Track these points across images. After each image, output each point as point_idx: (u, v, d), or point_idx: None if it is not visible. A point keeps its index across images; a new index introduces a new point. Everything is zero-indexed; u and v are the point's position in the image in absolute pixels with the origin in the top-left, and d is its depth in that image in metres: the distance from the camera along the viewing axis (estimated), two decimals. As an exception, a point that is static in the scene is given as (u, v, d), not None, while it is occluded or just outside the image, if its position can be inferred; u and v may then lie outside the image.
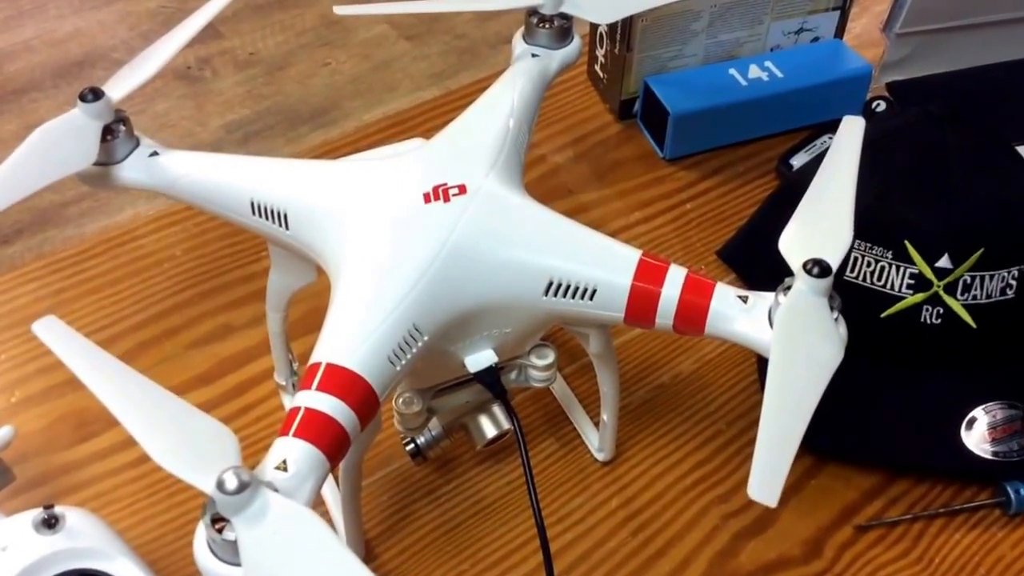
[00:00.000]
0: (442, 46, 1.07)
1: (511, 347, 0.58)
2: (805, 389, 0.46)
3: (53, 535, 0.52)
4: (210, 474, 0.41)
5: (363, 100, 1.00)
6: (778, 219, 0.80)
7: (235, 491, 0.40)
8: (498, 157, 0.58)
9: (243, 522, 0.41)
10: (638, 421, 0.73)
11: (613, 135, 0.97)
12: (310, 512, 0.41)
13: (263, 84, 1.01)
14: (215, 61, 1.04)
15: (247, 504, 0.41)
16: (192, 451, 0.42)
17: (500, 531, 0.67)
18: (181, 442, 0.43)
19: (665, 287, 0.53)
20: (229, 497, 0.40)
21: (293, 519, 0.41)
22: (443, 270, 0.52)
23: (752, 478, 0.44)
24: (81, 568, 0.52)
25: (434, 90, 1.02)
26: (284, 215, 0.57)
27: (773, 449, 0.44)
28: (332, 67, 1.04)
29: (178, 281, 0.81)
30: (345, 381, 0.48)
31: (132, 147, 0.60)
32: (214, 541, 0.42)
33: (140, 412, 0.44)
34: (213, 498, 0.41)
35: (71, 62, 1.03)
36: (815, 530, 0.67)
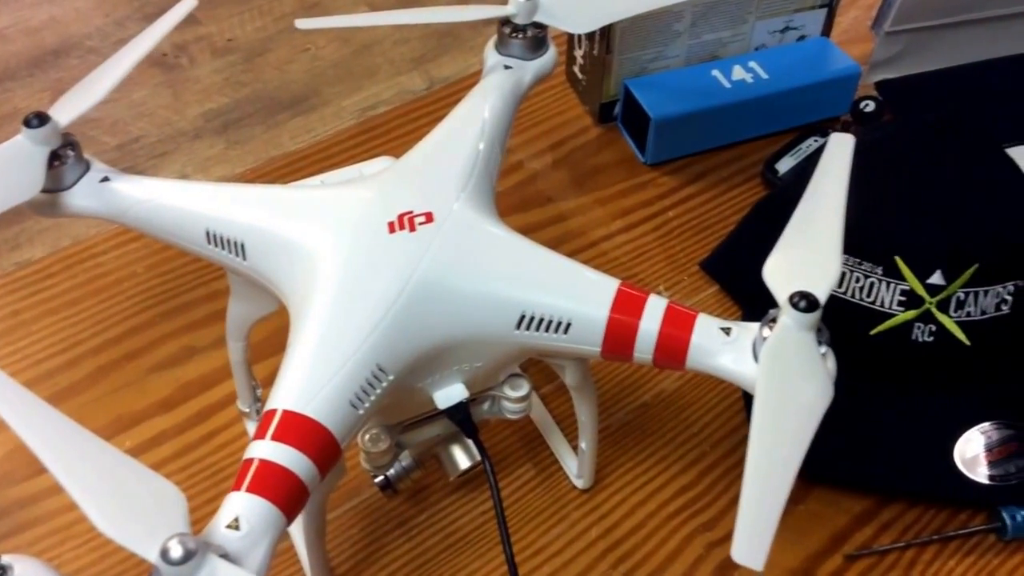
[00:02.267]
0: (422, 30, 1.05)
1: (483, 380, 0.56)
2: (791, 438, 0.43)
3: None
4: (155, 541, 0.39)
5: (343, 86, 0.99)
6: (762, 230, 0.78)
7: (180, 560, 0.38)
8: (468, 182, 0.56)
9: (190, 593, 0.38)
10: (619, 444, 0.71)
11: (593, 139, 0.95)
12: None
13: (241, 71, 0.99)
14: (192, 48, 1.02)
15: (193, 574, 0.38)
16: (136, 515, 0.40)
17: (475, 564, 0.65)
18: (124, 505, 0.40)
19: (644, 320, 0.51)
20: (174, 568, 0.38)
21: (242, 591, 0.38)
22: (409, 306, 0.50)
23: (736, 539, 0.41)
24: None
25: (415, 75, 1.00)
26: (241, 245, 0.54)
27: (759, 506, 0.42)
28: (312, 52, 1.02)
29: (139, 300, 0.78)
30: (303, 429, 0.46)
31: (82, 172, 0.57)
32: (161, 611, 0.40)
33: (80, 471, 0.41)
34: (158, 567, 0.38)
35: (46, 51, 1.01)
36: (803, 559, 0.65)
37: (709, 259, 0.83)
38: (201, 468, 0.68)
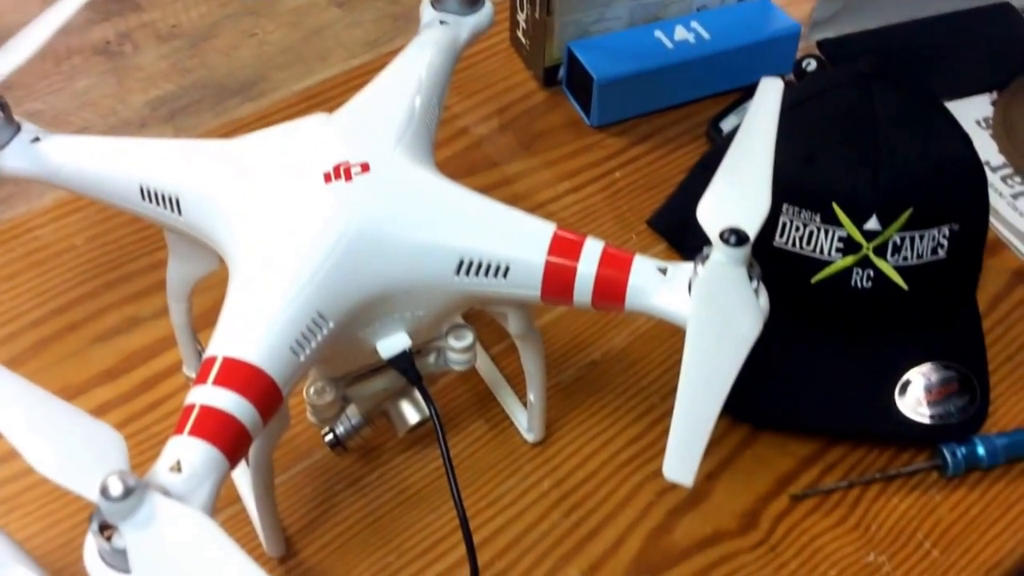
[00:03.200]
0: (375, 12, 1.05)
1: (426, 330, 0.57)
2: (722, 363, 0.45)
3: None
4: (95, 480, 0.39)
5: (293, 71, 0.98)
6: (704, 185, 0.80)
7: (120, 497, 0.39)
8: (404, 132, 0.57)
9: (130, 529, 0.39)
10: (569, 400, 0.72)
11: (539, 103, 0.96)
12: (201, 515, 0.40)
13: (187, 57, 0.99)
14: (135, 35, 1.01)
15: (134, 510, 0.39)
16: (75, 457, 0.41)
17: (428, 519, 0.66)
18: (62, 447, 0.41)
19: (581, 262, 0.52)
20: (114, 504, 0.39)
21: (183, 523, 0.40)
22: (347, 253, 0.51)
23: (667, 457, 0.43)
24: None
25: (368, 58, 1.00)
26: (176, 200, 0.55)
27: (689, 427, 0.43)
28: (259, 37, 1.01)
29: (79, 272, 0.78)
30: (243, 375, 0.46)
31: (12, 134, 0.58)
32: (104, 550, 0.40)
33: (16, 416, 0.42)
34: (99, 505, 0.39)
35: None
36: (751, 501, 0.67)
37: (656, 216, 0.84)
38: (147, 436, 0.69)
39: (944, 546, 0.65)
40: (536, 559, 0.64)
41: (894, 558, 0.65)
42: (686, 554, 0.65)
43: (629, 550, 0.65)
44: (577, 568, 0.64)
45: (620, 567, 0.64)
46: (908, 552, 0.65)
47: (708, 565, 0.64)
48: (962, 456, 0.67)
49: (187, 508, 0.40)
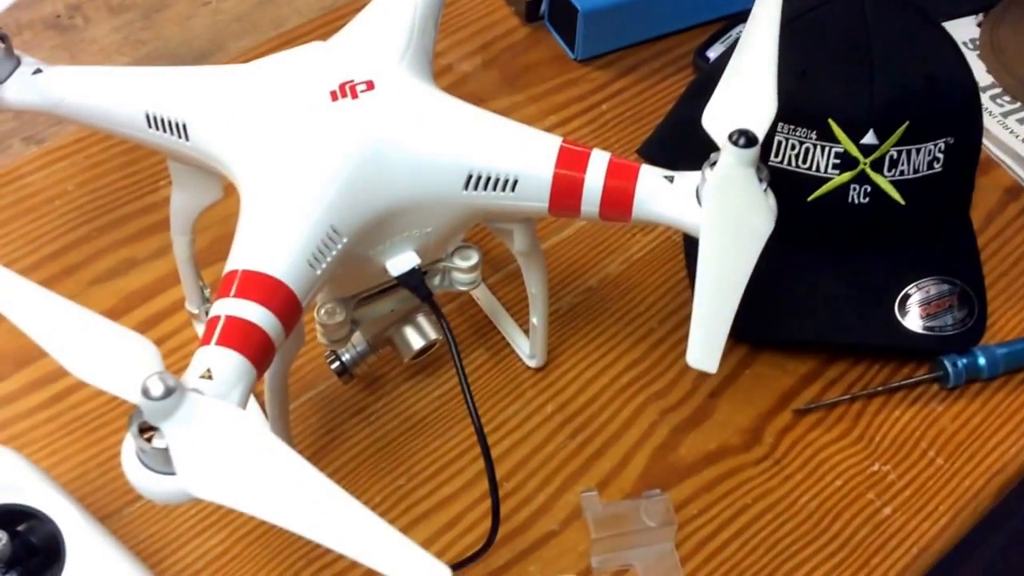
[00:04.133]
0: None
1: (433, 248, 0.59)
2: (739, 258, 0.48)
3: (-31, 472, 0.53)
4: (134, 382, 0.42)
5: (249, 39, 0.98)
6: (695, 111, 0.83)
7: (161, 396, 0.41)
8: (406, 50, 0.59)
9: (173, 427, 0.41)
10: (568, 326, 0.75)
11: (521, 39, 0.98)
12: (240, 410, 0.42)
13: (140, 29, 0.98)
14: (86, 8, 1.00)
15: (175, 409, 0.42)
16: (112, 362, 0.43)
17: (434, 444, 0.69)
18: (100, 355, 0.43)
19: (589, 173, 0.55)
20: (156, 403, 0.41)
21: (224, 419, 0.42)
22: (358, 169, 0.53)
23: (690, 346, 0.46)
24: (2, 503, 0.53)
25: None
26: (183, 126, 0.57)
27: (710, 317, 0.46)
28: (213, 6, 1.01)
29: (72, 218, 0.80)
30: (265, 286, 0.49)
31: (13, 66, 0.59)
32: (144, 452, 0.43)
33: (53, 327, 0.44)
34: (139, 406, 0.42)
35: None
36: (753, 418, 0.70)
37: (645, 146, 0.87)
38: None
39: (948, 454, 0.69)
40: (543, 479, 0.67)
41: (899, 467, 0.68)
42: (692, 469, 0.68)
43: (636, 467, 0.68)
44: (584, 486, 0.67)
45: (628, 483, 0.67)
46: (912, 461, 0.68)
47: (714, 479, 0.67)
48: (963, 367, 0.71)
49: (227, 404, 0.42)
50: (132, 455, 0.44)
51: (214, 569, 0.63)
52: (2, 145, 0.86)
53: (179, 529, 0.64)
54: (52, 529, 0.53)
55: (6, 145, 0.87)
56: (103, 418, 0.69)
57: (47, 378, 0.71)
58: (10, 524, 0.52)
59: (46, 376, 0.71)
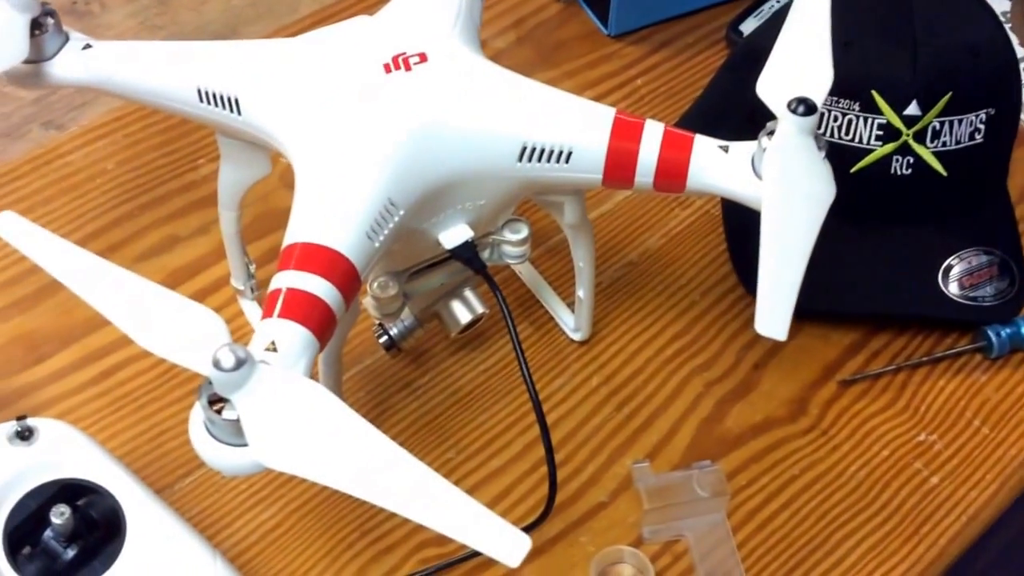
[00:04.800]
0: None
1: (485, 221, 0.59)
2: (804, 225, 0.47)
3: (28, 447, 0.52)
4: (203, 355, 0.41)
5: (263, 24, 0.97)
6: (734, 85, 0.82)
7: (232, 368, 0.41)
8: (455, 23, 0.58)
9: (243, 398, 0.41)
10: (610, 300, 0.74)
11: (554, 15, 0.97)
12: (311, 381, 0.42)
13: (156, 14, 0.97)
14: None
15: (245, 380, 0.41)
16: (181, 335, 0.43)
17: (481, 418, 0.68)
18: (168, 327, 0.43)
19: (643, 143, 0.54)
20: (227, 374, 0.41)
21: (294, 390, 0.42)
22: (414, 141, 0.53)
23: (759, 314, 0.45)
24: (61, 479, 0.52)
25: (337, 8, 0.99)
26: (236, 100, 0.56)
27: (777, 284, 0.46)
28: None
29: (114, 196, 0.79)
30: (325, 258, 0.48)
31: (62, 42, 0.59)
32: (212, 423, 0.42)
33: (121, 301, 0.44)
34: (209, 378, 0.41)
35: None
36: (798, 389, 0.70)
37: (683, 119, 0.86)
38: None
39: (993, 423, 0.68)
40: (591, 451, 0.67)
41: (944, 436, 0.68)
42: (739, 440, 0.67)
43: (683, 439, 0.67)
44: (633, 458, 0.66)
45: (675, 454, 0.66)
46: (958, 430, 0.68)
47: (762, 450, 0.67)
48: (1006, 336, 0.70)
49: (297, 375, 0.42)
50: (200, 427, 0.43)
51: (268, 542, 0.62)
52: (21, 131, 0.86)
53: (232, 503, 0.64)
54: (112, 503, 0.53)
55: (25, 130, 0.86)
56: (151, 393, 0.69)
57: (94, 355, 0.70)
58: (71, 499, 0.52)
59: (92, 353, 0.71)
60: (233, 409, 0.42)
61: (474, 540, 0.37)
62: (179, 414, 0.68)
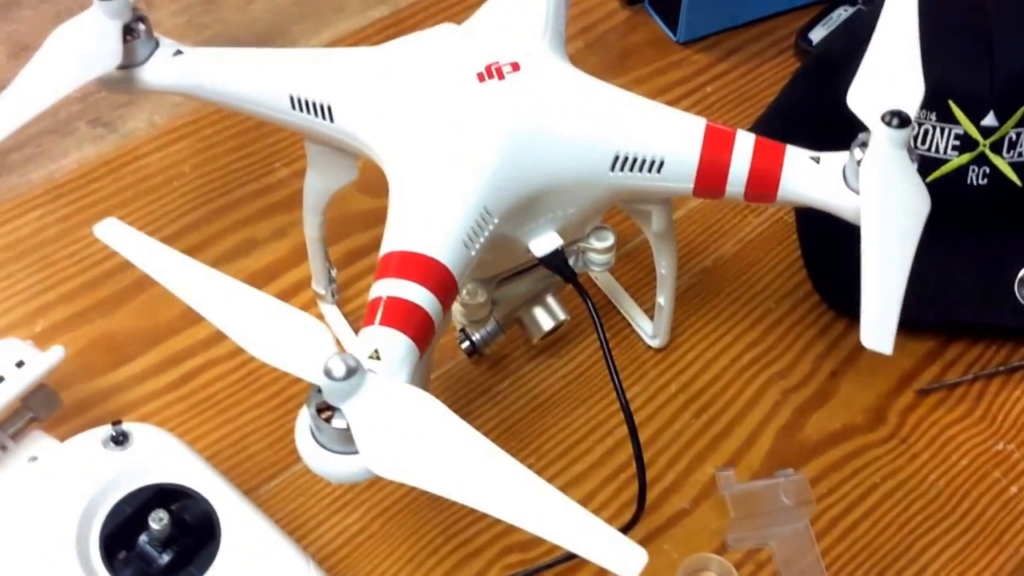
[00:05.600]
0: None
1: (573, 229, 0.59)
2: (904, 237, 0.47)
3: (123, 451, 0.53)
4: (313, 364, 0.41)
5: (309, 23, 0.97)
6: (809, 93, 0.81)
7: (344, 377, 0.41)
8: (545, 31, 0.58)
9: (354, 407, 0.41)
10: (685, 307, 0.74)
11: (621, 22, 0.97)
12: (419, 390, 0.42)
13: (202, 13, 0.96)
14: None
15: (355, 389, 0.41)
16: (289, 343, 0.43)
17: (561, 424, 0.68)
18: (277, 336, 0.43)
19: (735, 154, 0.54)
20: (338, 383, 0.41)
21: (404, 398, 0.41)
22: (509, 150, 0.53)
23: (864, 328, 0.45)
24: (157, 483, 0.53)
25: (383, 8, 0.98)
26: (328, 108, 0.56)
27: (882, 298, 0.45)
28: None
29: (191, 199, 0.80)
30: (424, 266, 0.48)
31: (153, 47, 0.59)
32: (320, 431, 0.42)
33: (228, 309, 0.44)
34: (319, 387, 0.41)
35: None
36: (876, 398, 0.69)
37: (756, 125, 0.85)
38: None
39: (1072, 433, 0.67)
40: (672, 458, 0.66)
41: (1023, 446, 0.67)
42: (819, 448, 0.67)
43: (762, 446, 0.67)
44: (713, 465, 0.66)
45: (755, 462, 0.66)
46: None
47: (842, 458, 0.66)
48: (1084, 347, 0.69)
49: (408, 385, 0.42)
50: (307, 435, 0.43)
51: (353, 546, 0.62)
52: (68, 128, 0.86)
53: (315, 508, 0.64)
54: (206, 507, 0.53)
55: (72, 128, 0.86)
56: (233, 396, 0.69)
57: (175, 358, 0.71)
58: (166, 503, 0.52)
59: (174, 356, 0.71)
60: (342, 417, 0.42)
61: (590, 552, 0.37)
62: (261, 417, 0.68)
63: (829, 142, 0.55)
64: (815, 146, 0.56)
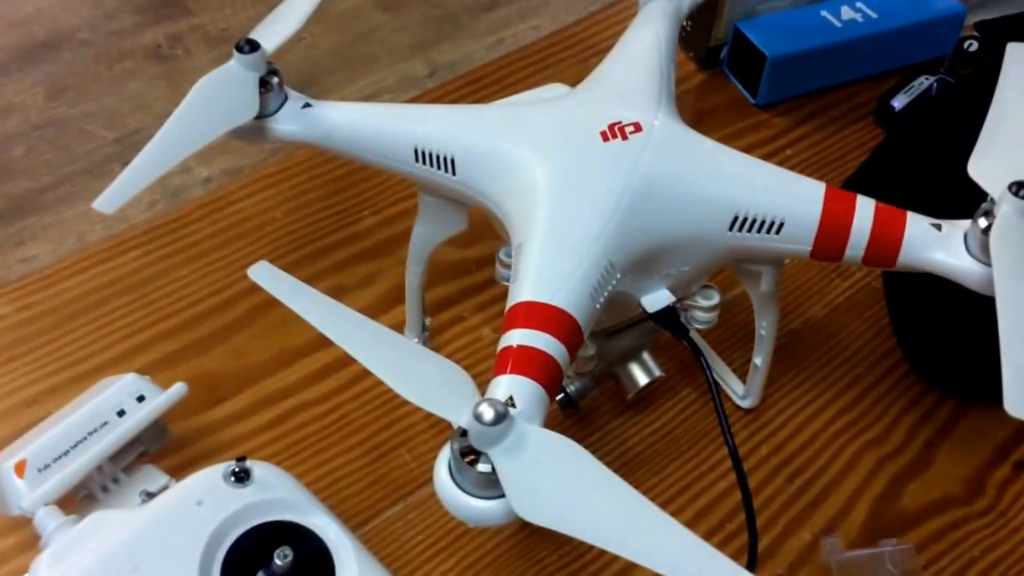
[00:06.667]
0: (421, 16, 1.05)
1: (683, 286, 0.60)
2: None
3: (245, 488, 0.54)
4: (460, 407, 0.43)
5: (343, 74, 0.99)
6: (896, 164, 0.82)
7: (492, 422, 0.42)
8: (660, 95, 0.60)
9: (503, 453, 0.42)
10: (773, 368, 0.74)
11: (698, 84, 0.99)
12: (564, 437, 0.43)
13: None
14: (186, 39, 1.02)
15: (504, 435, 0.42)
16: (437, 388, 0.44)
17: (651, 482, 0.69)
18: (424, 380, 0.44)
19: (856, 217, 0.55)
20: (487, 428, 0.42)
21: (554, 447, 0.43)
22: (633, 206, 0.54)
23: (1008, 396, 0.46)
24: (276, 520, 0.54)
25: (415, 62, 1.01)
26: (451, 160, 0.58)
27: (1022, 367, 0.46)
28: (308, 41, 1.02)
29: (282, 244, 0.82)
30: (554, 317, 0.50)
31: (283, 100, 0.61)
32: (461, 474, 0.43)
33: (379, 354, 0.45)
34: (468, 431, 0.42)
35: (36, 44, 1.00)
36: (973, 469, 0.69)
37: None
38: (373, 397, 0.72)
39: None
40: (766, 522, 0.67)
41: (1124, 522, 0.67)
42: (917, 519, 0.67)
43: (859, 515, 0.67)
44: (809, 531, 0.66)
45: (852, 530, 0.66)
46: None
47: (939, 530, 0.67)
48: None
49: (556, 434, 0.43)
50: (448, 477, 0.44)
51: (447, 594, 0.63)
52: (103, 169, 0.89)
53: (410, 553, 0.65)
54: (320, 545, 0.54)
55: (107, 169, 0.89)
56: (326, 440, 0.70)
57: (269, 399, 0.72)
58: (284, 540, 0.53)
59: (268, 396, 0.72)
60: (487, 462, 0.43)
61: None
62: (353, 461, 0.69)
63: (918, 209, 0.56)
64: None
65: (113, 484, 0.59)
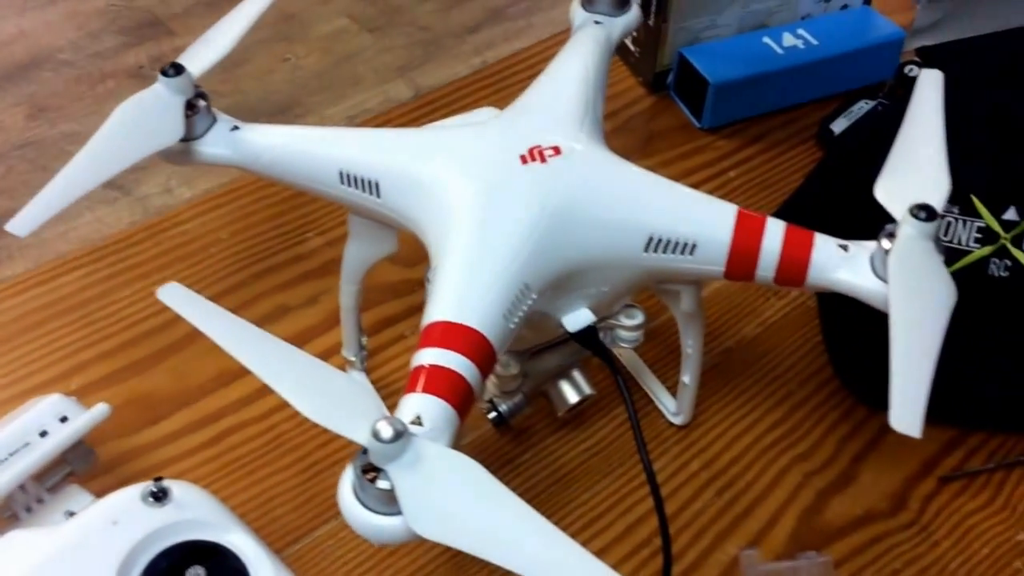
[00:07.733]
0: (405, 38, 1.06)
1: (605, 306, 0.61)
2: (931, 326, 0.49)
3: (162, 508, 0.54)
4: (361, 425, 0.43)
5: (327, 95, 0.99)
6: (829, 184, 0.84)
7: (391, 439, 0.42)
8: (584, 119, 0.61)
9: (399, 470, 0.43)
10: (707, 386, 0.75)
11: (647, 108, 1.00)
12: (463, 455, 0.44)
13: (220, 82, 0.99)
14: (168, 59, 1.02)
15: (401, 452, 0.43)
16: (339, 405, 0.45)
17: (583, 497, 0.69)
18: (327, 397, 0.45)
19: (765, 239, 0.56)
20: (385, 446, 0.42)
21: (450, 464, 0.43)
22: (549, 229, 0.55)
23: (893, 412, 0.47)
24: (193, 540, 0.54)
25: (400, 84, 1.01)
26: (376, 184, 0.59)
27: (911, 383, 0.47)
28: (292, 63, 1.02)
29: (227, 264, 0.82)
30: (467, 338, 0.50)
31: (211, 122, 0.62)
32: (363, 491, 0.44)
33: (281, 371, 0.46)
34: (367, 448, 0.43)
35: (17, 65, 1.01)
36: (898, 483, 0.70)
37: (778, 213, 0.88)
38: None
39: (1091, 526, 0.68)
40: (693, 536, 0.67)
41: (1043, 537, 0.68)
42: (841, 533, 0.68)
43: (784, 528, 0.68)
44: (735, 545, 0.67)
45: (777, 544, 0.67)
46: (1056, 531, 0.68)
47: (862, 544, 0.67)
48: (1105, 440, 0.70)
49: (452, 450, 0.44)
50: (351, 495, 0.45)
51: (376, 611, 0.63)
52: None
53: (340, 572, 0.65)
54: (238, 566, 0.55)
55: None
56: (261, 459, 0.71)
57: (206, 419, 0.73)
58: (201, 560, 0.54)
59: (206, 417, 0.73)
60: (386, 479, 0.43)
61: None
62: (287, 480, 0.69)
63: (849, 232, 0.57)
64: (835, 235, 0.58)
65: (37, 504, 0.59)
